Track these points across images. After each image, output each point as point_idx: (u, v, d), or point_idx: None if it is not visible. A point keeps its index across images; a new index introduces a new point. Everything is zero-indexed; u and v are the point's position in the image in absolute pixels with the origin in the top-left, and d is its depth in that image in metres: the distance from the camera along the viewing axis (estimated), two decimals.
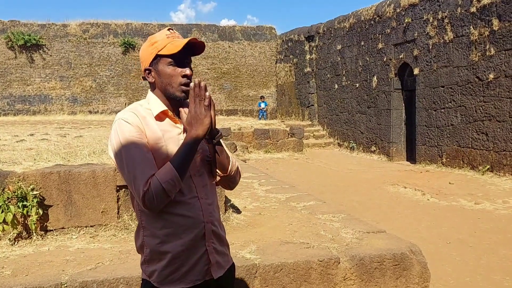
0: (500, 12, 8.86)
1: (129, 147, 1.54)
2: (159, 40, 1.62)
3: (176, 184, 1.51)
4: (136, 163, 1.51)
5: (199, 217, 1.63)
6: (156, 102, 1.65)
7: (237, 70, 21.49)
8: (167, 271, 1.60)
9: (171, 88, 1.63)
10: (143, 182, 1.48)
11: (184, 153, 1.53)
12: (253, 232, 3.89)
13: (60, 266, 3.00)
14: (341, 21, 15.30)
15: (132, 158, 1.52)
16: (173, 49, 1.59)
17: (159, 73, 1.63)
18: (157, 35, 1.65)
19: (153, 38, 1.65)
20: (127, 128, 1.56)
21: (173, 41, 1.60)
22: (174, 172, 1.50)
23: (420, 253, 3.35)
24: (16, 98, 19.32)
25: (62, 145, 6.17)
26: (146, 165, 1.51)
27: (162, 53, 1.60)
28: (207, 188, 1.69)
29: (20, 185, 3.57)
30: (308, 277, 3.07)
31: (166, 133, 1.62)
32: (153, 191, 1.48)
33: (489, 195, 7.37)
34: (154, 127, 1.61)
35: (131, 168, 1.52)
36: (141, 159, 1.52)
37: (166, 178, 1.49)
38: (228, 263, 1.75)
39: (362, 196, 7.79)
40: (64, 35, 19.66)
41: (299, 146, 14.11)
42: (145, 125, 1.59)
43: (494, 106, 9.06)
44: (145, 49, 1.66)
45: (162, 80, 1.63)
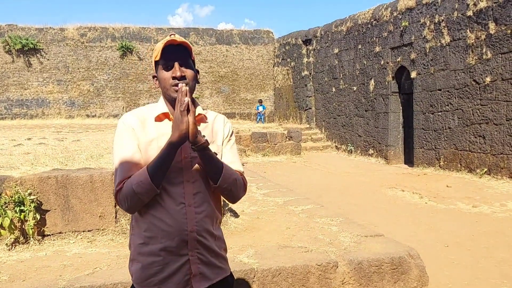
0: (497, 15, 8.91)
1: (118, 148, 1.63)
2: (157, 47, 1.67)
3: (148, 188, 1.53)
4: (119, 162, 1.61)
5: (181, 225, 1.60)
6: (161, 104, 1.72)
7: (234, 74, 21.51)
8: (146, 274, 1.60)
9: (166, 90, 1.67)
10: (118, 181, 1.58)
11: (159, 158, 1.54)
12: (251, 236, 3.89)
13: (58, 271, 2.99)
14: (339, 25, 15.34)
15: (118, 158, 1.62)
16: (159, 55, 1.65)
17: (158, 78, 1.70)
18: (158, 43, 1.69)
19: (155, 47, 1.71)
20: (121, 130, 1.65)
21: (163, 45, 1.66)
22: (146, 175, 1.52)
23: (418, 257, 3.35)
24: (13, 102, 19.28)
25: (59, 149, 6.16)
26: (126, 167, 1.59)
27: (156, 59, 1.68)
28: (200, 196, 1.65)
29: (17, 190, 3.56)
30: (306, 282, 3.07)
31: (163, 135, 1.63)
32: (124, 192, 1.55)
33: (487, 198, 7.37)
34: (151, 128, 1.66)
35: (116, 166, 1.62)
36: (124, 160, 1.60)
37: (137, 180, 1.53)
38: (219, 276, 1.68)
39: (360, 200, 7.79)
40: (62, 39, 19.65)
41: (297, 149, 14.12)
42: (143, 127, 1.65)
43: (491, 109, 9.09)
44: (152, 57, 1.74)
45: (161, 84, 1.69)
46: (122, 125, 1.66)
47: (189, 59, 1.68)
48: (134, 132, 1.64)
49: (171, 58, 1.65)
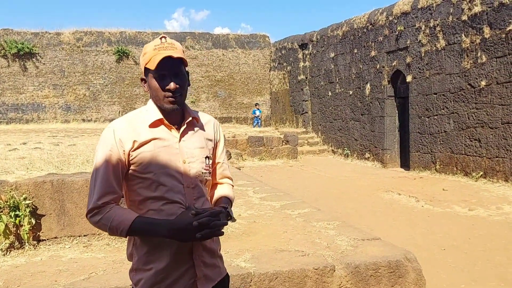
0: (491, 20, 8.97)
1: (102, 161, 1.56)
2: (147, 52, 1.61)
3: (119, 236, 1.54)
4: (99, 178, 1.55)
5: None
6: (153, 110, 1.64)
7: (231, 78, 21.54)
8: (152, 281, 1.58)
9: (158, 100, 1.62)
10: (95, 198, 1.53)
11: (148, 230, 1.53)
12: (247, 240, 3.87)
13: (53, 277, 2.97)
14: (334, 29, 15.40)
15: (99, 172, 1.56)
16: (152, 65, 1.57)
17: (149, 85, 1.63)
18: (149, 45, 1.63)
19: (145, 49, 1.64)
20: (109, 141, 1.57)
21: (157, 55, 1.57)
22: (126, 229, 1.51)
23: (415, 260, 3.35)
24: (9, 106, 19.21)
25: (55, 153, 6.13)
26: (106, 186, 1.55)
27: (148, 67, 1.60)
28: (200, 200, 1.65)
29: (12, 195, 3.54)
30: (303, 286, 3.06)
31: (159, 141, 1.60)
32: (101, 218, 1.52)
33: (483, 201, 7.39)
34: (145, 133, 1.60)
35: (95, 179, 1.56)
36: (105, 177, 1.55)
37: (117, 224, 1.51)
38: (220, 275, 1.71)
39: (357, 203, 7.79)
40: (58, 43, 19.62)
41: (293, 153, 14.13)
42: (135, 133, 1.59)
43: (487, 113, 9.14)
44: (140, 58, 1.67)
45: (151, 92, 1.63)
46: (111, 134, 1.58)
47: (183, 69, 1.64)
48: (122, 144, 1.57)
49: (166, 69, 1.58)
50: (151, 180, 1.58)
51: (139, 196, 1.59)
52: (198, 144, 1.68)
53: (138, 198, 1.60)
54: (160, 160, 1.58)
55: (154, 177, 1.58)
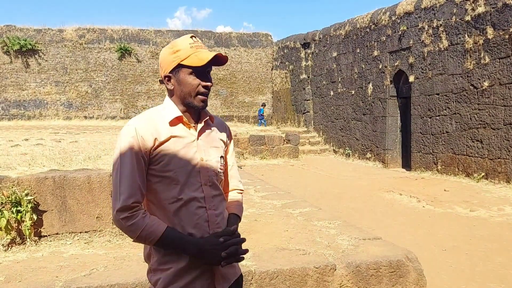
0: (495, 21, 8.95)
1: (126, 160, 1.53)
2: (182, 49, 1.61)
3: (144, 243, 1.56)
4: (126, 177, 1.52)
5: (203, 230, 1.61)
6: (173, 108, 1.64)
7: (233, 77, 21.53)
8: (170, 280, 1.58)
9: (190, 97, 1.63)
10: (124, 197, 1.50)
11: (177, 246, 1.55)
12: (248, 238, 3.86)
13: (54, 272, 2.98)
14: (337, 29, 15.38)
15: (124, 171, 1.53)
16: (198, 62, 1.59)
17: (179, 81, 1.63)
18: (180, 42, 1.63)
19: (175, 46, 1.63)
20: (132, 139, 1.55)
21: (197, 53, 1.60)
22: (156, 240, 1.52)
23: (416, 260, 3.34)
24: (11, 103, 19.23)
25: (57, 150, 6.14)
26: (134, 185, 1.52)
27: (185, 63, 1.60)
28: (217, 198, 1.68)
29: (14, 190, 3.55)
30: (304, 284, 3.06)
31: (179, 140, 1.61)
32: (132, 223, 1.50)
33: (484, 202, 7.38)
34: (164, 131, 1.59)
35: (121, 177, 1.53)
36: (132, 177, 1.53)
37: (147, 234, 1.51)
38: (235, 275, 1.72)
39: (358, 203, 7.78)
40: (60, 40, 19.63)
41: (294, 153, 14.12)
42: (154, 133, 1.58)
43: (489, 113, 9.12)
44: (167, 55, 1.64)
45: (182, 88, 1.63)
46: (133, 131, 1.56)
47: None
48: (144, 141, 1.56)
49: (209, 67, 1.64)
50: (171, 178, 1.58)
51: (157, 194, 1.59)
52: (214, 144, 1.71)
53: (157, 197, 1.59)
54: (180, 158, 1.59)
55: (173, 175, 1.57)
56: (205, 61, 1.58)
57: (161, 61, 1.67)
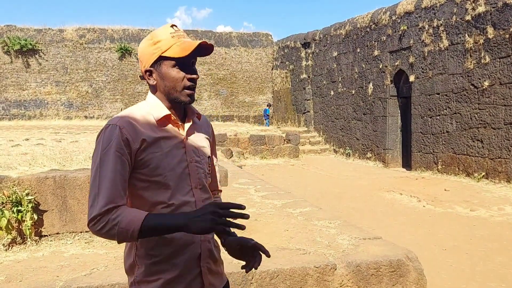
0: (495, 20, 8.94)
1: (107, 162, 1.37)
2: (162, 39, 1.47)
3: (129, 239, 1.35)
4: (106, 181, 1.35)
5: (194, 237, 1.47)
6: (159, 105, 1.50)
7: (233, 76, 21.53)
8: None
9: (175, 92, 1.49)
10: (101, 203, 1.33)
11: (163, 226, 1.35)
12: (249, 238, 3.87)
13: (55, 272, 2.98)
14: (337, 28, 15.38)
15: (104, 174, 1.36)
16: (180, 52, 1.44)
17: (162, 75, 1.48)
18: (160, 33, 1.48)
19: (155, 36, 1.48)
20: (115, 140, 1.38)
21: (180, 43, 1.46)
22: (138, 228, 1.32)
23: (416, 260, 3.34)
24: (11, 102, 19.24)
25: (57, 150, 6.14)
26: (114, 190, 1.35)
27: (166, 55, 1.45)
28: (207, 202, 1.54)
29: (15, 190, 3.55)
30: (304, 284, 3.06)
31: (167, 141, 1.47)
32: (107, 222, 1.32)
33: (485, 202, 7.38)
34: (154, 133, 1.45)
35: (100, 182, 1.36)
36: (112, 180, 1.36)
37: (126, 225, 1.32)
38: (223, 283, 1.63)
39: (358, 203, 7.79)
40: (60, 40, 19.64)
41: (295, 152, 14.12)
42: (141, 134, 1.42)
43: (489, 113, 9.12)
44: (146, 48, 1.50)
45: (166, 83, 1.48)
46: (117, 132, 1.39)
47: None
48: (129, 143, 1.40)
49: (193, 58, 1.49)
50: (160, 183, 1.44)
51: (145, 201, 1.44)
52: (202, 143, 1.59)
53: (144, 203, 1.44)
54: (169, 161, 1.45)
55: (163, 180, 1.44)
56: (189, 50, 1.44)
57: (141, 54, 1.52)
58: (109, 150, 1.37)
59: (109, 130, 1.40)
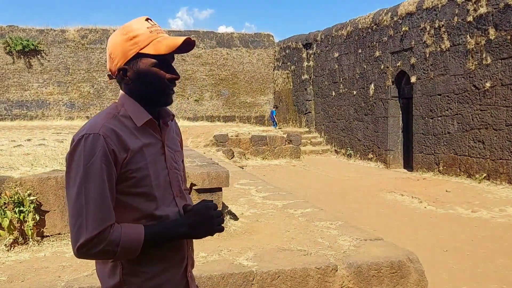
0: (497, 21, 8.94)
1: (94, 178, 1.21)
2: (140, 34, 1.31)
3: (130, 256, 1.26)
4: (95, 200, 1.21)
5: (182, 249, 1.41)
6: (138, 109, 1.35)
7: (235, 77, 21.54)
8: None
9: (155, 93, 1.35)
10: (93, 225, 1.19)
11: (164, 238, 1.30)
12: (250, 238, 3.88)
13: (56, 272, 2.99)
14: (339, 29, 15.39)
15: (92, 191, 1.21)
16: (164, 49, 1.30)
17: (139, 74, 1.33)
18: (137, 26, 1.32)
19: (131, 31, 1.32)
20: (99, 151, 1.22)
21: (160, 38, 1.32)
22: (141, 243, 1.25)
23: (417, 261, 3.35)
24: (13, 103, 19.28)
25: (59, 150, 6.15)
26: (106, 208, 1.23)
27: (146, 51, 1.30)
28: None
29: (17, 190, 3.56)
30: (305, 285, 3.07)
31: (149, 148, 1.34)
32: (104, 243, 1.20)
33: (486, 203, 7.38)
34: (137, 141, 1.31)
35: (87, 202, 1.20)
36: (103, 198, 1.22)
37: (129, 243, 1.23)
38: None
39: (359, 204, 7.79)
40: (62, 41, 19.67)
41: (296, 153, 14.12)
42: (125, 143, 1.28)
43: (491, 114, 9.11)
44: (120, 43, 1.33)
45: (145, 84, 1.34)
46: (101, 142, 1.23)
47: None
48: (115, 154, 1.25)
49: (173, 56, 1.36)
50: (145, 194, 1.31)
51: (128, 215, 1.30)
52: (176, 147, 1.47)
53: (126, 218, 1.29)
54: (153, 170, 1.33)
55: (148, 191, 1.31)
56: (173, 47, 1.30)
57: (112, 50, 1.34)
58: (94, 164, 1.21)
59: (90, 141, 1.23)
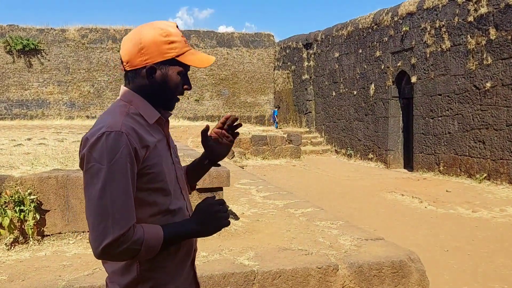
0: (497, 21, 8.93)
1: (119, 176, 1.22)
2: (177, 41, 1.35)
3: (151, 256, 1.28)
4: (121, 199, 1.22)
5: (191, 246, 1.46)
6: (148, 107, 1.38)
7: (235, 77, 21.54)
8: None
9: (168, 98, 1.40)
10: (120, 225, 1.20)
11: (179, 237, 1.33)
12: (251, 238, 3.88)
13: (57, 272, 2.98)
14: (339, 29, 15.38)
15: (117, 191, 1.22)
16: (196, 63, 1.37)
17: (165, 78, 1.36)
18: (173, 31, 1.36)
19: (169, 35, 1.35)
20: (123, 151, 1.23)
21: (193, 51, 1.38)
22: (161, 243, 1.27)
23: (418, 261, 3.34)
24: (13, 102, 19.27)
25: (59, 149, 6.15)
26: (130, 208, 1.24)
27: (181, 60, 1.35)
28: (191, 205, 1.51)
29: (17, 190, 3.55)
30: (306, 284, 3.06)
31: (160, 144, 1.38)
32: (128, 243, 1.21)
33: (487, 203, 7.38)
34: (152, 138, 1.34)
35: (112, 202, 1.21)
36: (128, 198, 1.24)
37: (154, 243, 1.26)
38: None
39: (360, 203, 7.78)
40: (63, 40, 19.67)
41: (296, 153, 14.12)
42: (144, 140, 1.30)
43: (491, 114, 9.10)
44: (158, 43, 1.33)
45: (164, 87, 1.37)
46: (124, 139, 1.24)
47: None
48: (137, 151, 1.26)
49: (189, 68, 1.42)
50: (161, 189, 1.34)
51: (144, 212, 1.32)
52: (173, 143, 1.52)
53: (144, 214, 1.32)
54: (166, 165, 1.37)
55: (164, 186, 1.35)
56: (206, 64, 1.37)
57: (146, 45, 1.32)
58: (118, 162, 1.22)
59: (112, 138, 1.23)
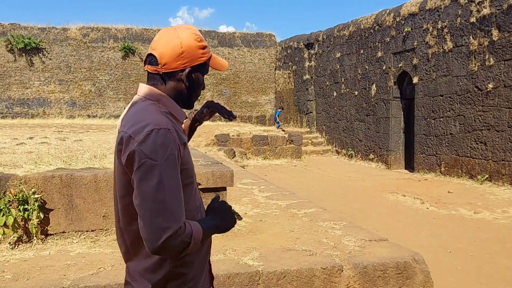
0: (500, 22, 8.93)
1: (172, 172, 1.27)
2: (206, 45, 1.45)
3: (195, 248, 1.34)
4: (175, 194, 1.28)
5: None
6: (177, 106, 1.44)
7: (236, 76, 21.53)
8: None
9: (194, 98, 1.48)
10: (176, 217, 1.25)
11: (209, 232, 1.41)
12: (254, 238, 3.87)
13: (62, 271, 2.98)
14: (341, 29, 15.37)
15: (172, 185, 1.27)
16: (218, 66, 1.48)
17: (196, 80, 1.45)
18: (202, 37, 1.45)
19: (202, 40, 1.43)
20: (174, 146, 1.29)
21: (214, 55, 1.49)
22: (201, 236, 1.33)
23: (423, 262, 3.34)
24: (15, 101, 19.27)
25: (62, 148, 6.14)
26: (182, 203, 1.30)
27: (210, 64, 1.48)
28: None
29: (21, 189, 3.55)
30: (311, 285, 3.06)
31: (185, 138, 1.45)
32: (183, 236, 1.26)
33: (488, 205, 7.37)
34: (184, 137, 1.41)
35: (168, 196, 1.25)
36: (180, 193, 1.29)
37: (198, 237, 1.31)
38: None
39: (362, 204, 7.78)
40: (64, 39, 19.66)
41: (297, 153, 14.12)
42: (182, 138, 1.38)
43: (493, 115, 9.10)
44: (194, 48, 1.40)
45: (194, 88, 1.45)
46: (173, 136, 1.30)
47: None
48: (180, 149, 1.34)
49: None
50: (192, 184, 1.43)
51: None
52: None
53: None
54: (191, 162, 1.44)
55: (193, 181, 1.44)
56: (224, 68, 1.50)
57: (186, 50, 1.39)
58: (170, 158, 1.27)
59: (162, 135, 1.27)
